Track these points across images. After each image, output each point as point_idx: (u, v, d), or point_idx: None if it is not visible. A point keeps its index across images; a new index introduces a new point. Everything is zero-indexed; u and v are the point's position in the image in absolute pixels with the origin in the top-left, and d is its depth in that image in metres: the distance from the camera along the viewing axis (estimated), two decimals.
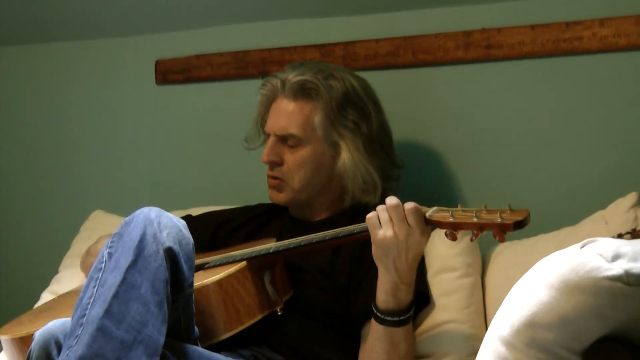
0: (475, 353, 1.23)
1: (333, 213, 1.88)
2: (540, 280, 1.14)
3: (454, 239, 1.43)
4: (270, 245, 1.65)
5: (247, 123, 2.02)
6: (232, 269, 1.59)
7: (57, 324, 1.39)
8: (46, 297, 2.06)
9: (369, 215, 1.49)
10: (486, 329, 1.63)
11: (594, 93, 1.98)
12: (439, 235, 1.80)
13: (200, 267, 1.70)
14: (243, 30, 2.38)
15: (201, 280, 1.57)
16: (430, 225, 1.46)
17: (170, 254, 1.40)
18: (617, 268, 1.07)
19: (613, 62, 1.95)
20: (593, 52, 1.95)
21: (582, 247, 1.14)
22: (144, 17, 2.45)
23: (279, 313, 1.62)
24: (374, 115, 1.85)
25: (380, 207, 1.48)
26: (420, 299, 1.69)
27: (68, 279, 2.11)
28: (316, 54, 2.24)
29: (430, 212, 1.46)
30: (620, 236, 1.38)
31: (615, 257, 1.09)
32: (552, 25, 1.99)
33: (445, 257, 1.81)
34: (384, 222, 1.46)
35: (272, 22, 2.34)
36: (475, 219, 1.37)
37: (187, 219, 1.93)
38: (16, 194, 2.72)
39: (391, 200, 1.47)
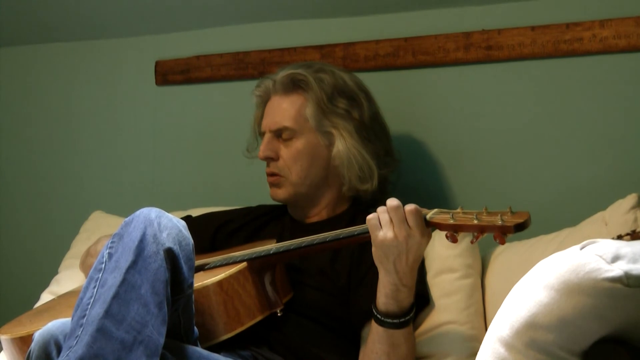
0: (475, 354, 1.23)
1: (333, 214, 1.88)
2: (540, 281, 1.14)
3: (454, 241, 1.42)
4: (270, 246, 1.65)
5: (247, 124, 2.02)
6: (232, 269, 1.59)
7: (56, 325, 1.39)
8: (46, 297, 2.05)
9: (369, 217, 1.49)
10: (486, 330, 1.63)
11: (594, 94, 1.98)
12: (439, 236, 1.80)
13: (201, 268, 1.70)
14: (243, 31, 2.38)
15: (201, 281, 1.57)
16: (430, 227, 1.45)
17: (170, 254, 1.40)
18: (616, 269, 1.07)
19: (613, 64, 1.95)
20: (593, 53, 1.96)
21: (582, 248, 1.14)
22: (144, 17, 2.45)
23: (279, 314, 1.62)
24: (365, 105, 1.86)
25: (380, 209, 1.48)
26: (420, 299, 1.68)
27: (68, 279, 2.11)
28: (316, 54, 2.24)
29: (431, 214, 1.46)
30: (620, 237, 1.37)
31: (615, 259, 1.09)
32: (552, 27, 1.99)
33: (445, 258, 1.81)
34: (384, 223, 1.46)
35: (272, 22, 2.34)
36: (475, 221, 1.37)
37: (187, 219, 1.93)
38: (16, 194, 2.72)
39: (392, 201, 1.47)
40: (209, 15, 2.38)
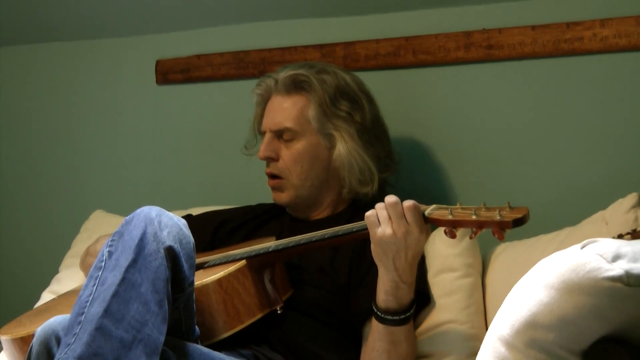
0: (476, 353, 1.23)
1: (333, 212, 1.88)
2: (540, 280, 1.14)
3: (453, 236, 1.42)
4: (269, 244, 1.65)
5: (247, 123, 2.02)
6: (232, 268, 1.59)
7: (58, 320, 1.38)
8: (46, 297, 2.05)
9: (368, 213, 1.49)
10: (486, 329, 1.63)
11: (594, 93, 1.98)
12: (439, 235, 1.80)
13: (200, 266, 1.70)
14: (243, 30, 2.38)
15: (201, 279, 1.57)
16: (429, 223, 1.46)
17: (170, 252, 1.40)
18: (617, 269, 1.07)
19: (614, 63, 1.95)
20: (594, 52, 1.96)
21: (582, 247, 1.14)
22: (144, 17, 2.45)
23: (278, 312, 1.62)
24: (367, 108, 1.86)
25: (379, 205, 1.48)
26: (421, 298, 1.68)
27: (68, 278, 2.10)
28: (316, 54, 2.24)
29: (429, 210, 1.46)
30: (620, 237, 1.37)
31: (616, 258, 1.09)
32: (553, 26, 1.99)
33: (445, 257, 1.81)
34: (383, 220, 1.46)
35: (272, 22, 2.34)
36: (474, 217, 1.37)
37: (188, 218, 1.93)
38: (17, 194, 2.72)
39: (390, 198, 1.47)
40: (210, 15, 2.38)
